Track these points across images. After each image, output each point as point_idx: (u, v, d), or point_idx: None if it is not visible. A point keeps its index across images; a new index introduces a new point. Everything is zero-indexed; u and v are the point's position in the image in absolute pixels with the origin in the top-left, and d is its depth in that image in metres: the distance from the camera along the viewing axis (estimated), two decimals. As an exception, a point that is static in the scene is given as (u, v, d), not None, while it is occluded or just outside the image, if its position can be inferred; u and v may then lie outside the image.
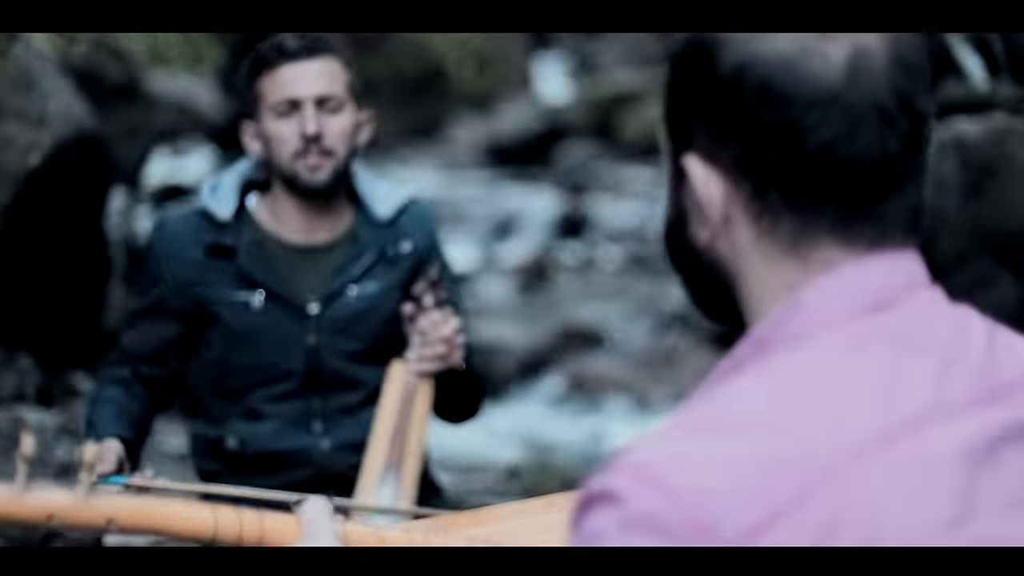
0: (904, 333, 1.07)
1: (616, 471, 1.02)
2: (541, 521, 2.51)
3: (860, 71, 1.06)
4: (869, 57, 1.07)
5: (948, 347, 1.08)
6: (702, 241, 1.12)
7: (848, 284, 1.08)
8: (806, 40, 1.07)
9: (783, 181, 1.07)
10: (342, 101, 2.82)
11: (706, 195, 1.10)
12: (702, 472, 1.00)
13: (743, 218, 1.09)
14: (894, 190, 1.08)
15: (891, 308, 1.08)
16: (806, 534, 0.99)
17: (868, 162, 1.06)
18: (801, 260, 1.08)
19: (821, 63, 1.06)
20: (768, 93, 1.06)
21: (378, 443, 2.72)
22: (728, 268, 1.12)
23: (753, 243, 1.10)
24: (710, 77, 1.09)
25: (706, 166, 1.10)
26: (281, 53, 2.79)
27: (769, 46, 1.07)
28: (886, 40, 1.08)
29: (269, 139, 2.80)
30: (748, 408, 1.04)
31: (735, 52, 1.08)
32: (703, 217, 1.11)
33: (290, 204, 2.87)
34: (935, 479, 1.02)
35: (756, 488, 0.99)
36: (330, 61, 2.83)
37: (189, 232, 2.87)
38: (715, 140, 1.09)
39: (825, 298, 1.07)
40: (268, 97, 2.79)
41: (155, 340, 2.87)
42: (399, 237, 2.92)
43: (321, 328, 2.84)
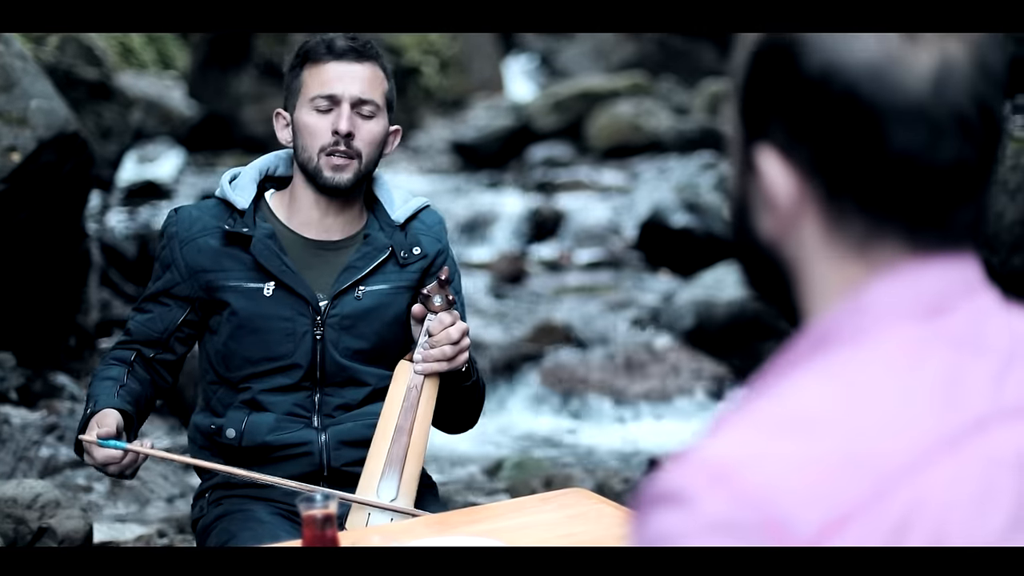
0: (964, 336, 1.07)
1: (686, 469, 1.01)
2: (539, 519, 2.54)
3: (946, 81, 1.06)
4: (955, 66, 1.06)
5: (1006, 350, 1.08)
6: (766, 232, 1.13)
7: (909, 286, 1.08)
8: (893, 46, 1.06)
9: (859, 184, 1.07)
10: (377, 108, 2.87)
11: (778, 190, 1.10)
12: (775, 472, 0.99)
13: (812, 215, 1.09)
14: (967, 199, 1.08)
15: (951, 311, 1.08)
16: (877, 535, 0.99)
17: (945, 171, 1.06)
18: (866, 261, 1.08)
19: (908, 72, 1.05)
20: (853, 98, 1.06)
21: (381, 441, 2.76)
22: (790, 261, 1.12)
23: (820, 240, 1.10)
24: (795, 77, 1.08)
25: (780, 161, 1.10)
26: (330, 50, 2.85)
27: (857, 51, 1.06)
28: (971, 46, 1.08)
29: (301, 130, 2.86)
30: (816, 407, 1.03)
31: (822, 54, 1.07)
32: (771, 210, 1.11)
33: (308, 199, 2.91)
34: (998, 482, 1.02)
35: (829, 488, 0.99)
36: (374, 68, 2.89)
37: (206, 219, 2.91)
38: (793, 138, 1.09)
39: (886, 298, 1.08)
40: (309, 89, 2.85)
41: (162, 324, 2.91)
42: (411, 241, 2.96)
43: (328, 324, 2.87)
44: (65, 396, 5.25)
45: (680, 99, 12.19)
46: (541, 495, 2.88)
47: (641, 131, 11.12)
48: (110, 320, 6.30)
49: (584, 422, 6.37)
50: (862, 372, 1.05)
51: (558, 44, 15.18)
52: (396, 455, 2.74)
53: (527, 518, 2.57)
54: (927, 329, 1.06)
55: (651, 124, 11.16)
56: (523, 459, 5.29)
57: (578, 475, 5.08)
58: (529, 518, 2.57)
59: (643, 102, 11.59)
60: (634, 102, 11.56)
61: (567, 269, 8.75)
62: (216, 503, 2.92)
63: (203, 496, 2.96)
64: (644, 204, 9.08)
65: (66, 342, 5.82)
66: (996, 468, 1.02)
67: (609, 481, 4.94)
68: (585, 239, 8.96)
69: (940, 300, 1.08)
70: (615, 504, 2.63)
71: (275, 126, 2.95)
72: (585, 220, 9.23)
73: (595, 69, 14.07)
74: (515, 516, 2.60)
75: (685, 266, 8.07)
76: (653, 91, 12.24)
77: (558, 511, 2.60)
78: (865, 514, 0.99)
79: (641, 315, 7.28)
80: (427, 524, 2.61)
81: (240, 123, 12.34)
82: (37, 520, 3.67)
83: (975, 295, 1.09)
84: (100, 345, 5.93)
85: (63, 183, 5.38)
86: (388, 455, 2.74)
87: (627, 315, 7.33)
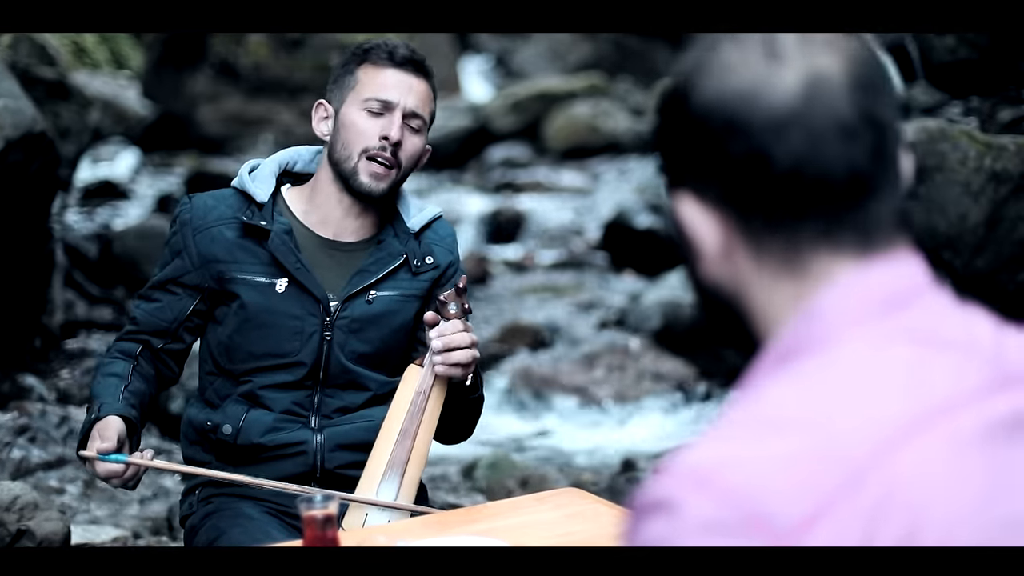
0: (922, 331, 1.13)
1: (669, 478, 1.07)
2: (536, 518, 2.55)
3: (816, 93, 1.13)
4: (824, 78, 1.13)
5: (963, 343, 1.14)
6: (707, 274, 1.19)
7: (855, 290, 1.14)
8: (758, 71, 1.14)
9: (763, 205, 1.14)
10: (423, 125, 2.86)
11: (700, 232, 1.17)
12: (753, 471, 1.05)
13: (739, 246, 1.16)
14: (868, 197, 1.14)
15: (904, 308, 1.14)
16: (856, 521, 1.04)
17: (837, 176, 1.13)
18: (798, 275, 1.15)
19: (775, 90, 1.13)
20: (733, 126, 1.13)
21: (384, 443, 2.75)
22: (735, 296, 1.18)
23: (752, 268, 1.16)
24: (685, 121, 1.16)
25: (697, 204, 1.16)
26: (391, 57, 2.84)
27: (728, 83, 1.14)
28: (843, 60, 1.15)
29: (347, 127, 2.83)
30: (787, 409, 1.09)
31: (702, 93, 1.15)
32: (701, 252, 1.18)
33: (332, 197, 2.90)
34: (968, 459, 1.07)
35: (805, 482, 1.04)
36: (428, 86, 2.88)
37: (222, 209, 2.88)
38: (699, 179, 1.16)
39: (836, 305, 1.13)
40: (364, 89, 2.83)
41: (171, 313, 2.89)
42: (424, 251, 2.94)
43: (337, 325, 2.86)
44: (34, 397, 5.21)
45: (637, 100, 12.24)
46: (536, 495, 2.89)
47: (599, 132, 11.16)
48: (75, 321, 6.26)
49: (553, 422, 6.38)
50: (826, 373, 1.11)
51: (513, 45, 15.20)
52: (398, 458, 2.73)
53: (524, 517, 2.57)
54: (883, 327, 1.13)
55: (609, 125, 11.21)
56: (497, 459, 5.30)
57: (552, 475, 5.10)
58: (526, 517, 2.57)
59: (600, 103, 11.65)
60: (591, 103, 11.61)
61: (531, 270, 8.77)
62: (206, 500, 2.90)
63: (192, 493, 2.94)
64: (606, 205, 9.11)
65: (32, 343, 5.77)
66: (965, 446, 1.07)
67: (583, 481, 4.96)
68: (548, 240, 8.98)
69: (890, 298, 1.14)
70: (610, 503, 2.65)
71: (313, 116, 2.92)
72: (547, 221, 9.26)
73: (551, 70, 14.10)
74: (512, 516, 2.60)
75: (650, 267, 8.10)
76: (610, 92, 12.30)
77: (554, 511, 2.61)
78: (842, 503, 1.04)
79: (608, 316, 7.31)
80: (425, 524, 2.61)
81: (196, 123, 12.28)
82: (16, 522, 3.64)
83: (926, 293, 1.16)
84: (65, 346, 5.89)
85: (30, 183, 5.33)
86: (391, 458, 2.73)
87: (594, 316, 7.36)
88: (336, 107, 2.88)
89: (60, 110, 7.35)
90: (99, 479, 2.72)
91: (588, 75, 12.83)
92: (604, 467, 5.40)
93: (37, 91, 7.05)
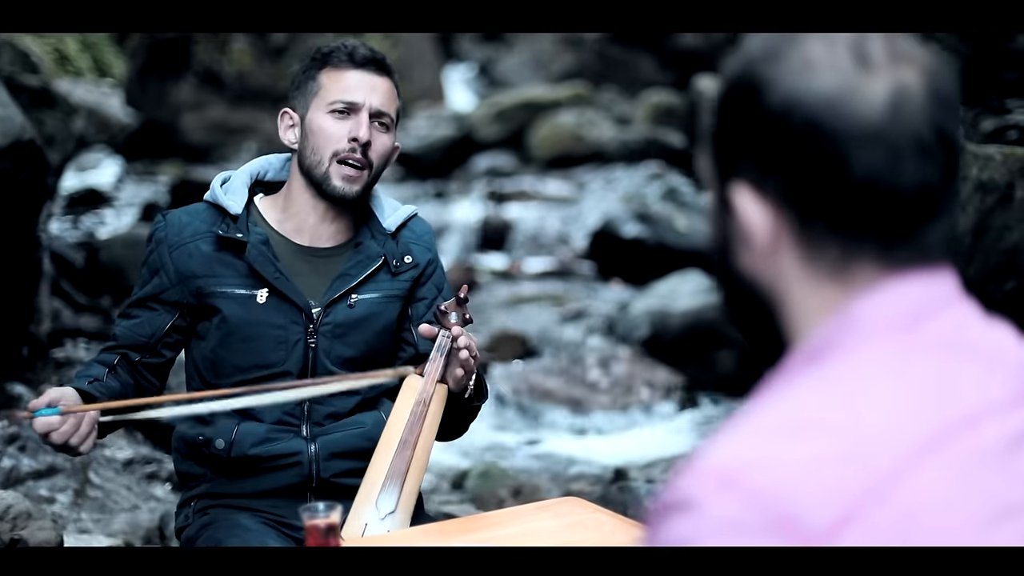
0: (947, 342, 1.13)
1: (694, 477, 1.06)
2: (538, 527, 2.55)
3: (901, 107, 1.12)
4: (909, 93, 1.13)
5: (988, 354, 1.14)
6: (746, 267, 1.19)
7: (892, 300, 1.14)
8: (848, 77, 1.13)
9: (828, 211, 1.13)
10: (391, 122, 2.87)
11: (753, 223, 1.16)
12: (783, 472, 1.04)
13: (788, 245, 1.15)
14: (933, 217, 1.14)
15: (932, 320, 1.14)
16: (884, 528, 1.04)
17: (909, 193, 1.12)
18: (844, 283, 1.15)
19: (863, 100, 1.12)
20: (815, 129, 1.12)
21: (383, 453, 2.74)
22: (771, 292, 1.18)
23: (797, 268, 1.16)
24: (758, 114, 1.15)
25: (754, 196, 1.16)
26: (351, 58, 2.83)
27: (815, 84, 1.13)
28: (924, 73, 1.14)
29: (314, 132, 2.83)
30: (815, 412, 1.09)
31: (781, 91, 1.14)
32: (749, 244, 1.17)
33: (306, 204, 2.89)
34: (993, 470, 1.08)
35: (834, 485, 1.04)
36: (391, 84, 2.88)
37: (197, 223, 2.88)
38: (763, 172, 1.15)
39: (871, 313, 1.13)
40: (328, 93, 2.83)
41: (149, 329, 2.87)
42: (402, 250, 2.94)
43: (321, 332, 2.85)
44: (23, 406, 5.18)
45: (622, 109, 12.25)
46: (537, 503, 2.88)
47: (583, 141, 11.17)
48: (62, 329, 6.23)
49: (543, 432, 6.38)
50: (855, 378, 1.11)
51: (497, 53, 15.21)
52: (398, 468, 2.72)
53: (525, 526, 2.57)
54: (912, 338, 1.13)
55: (593, 134, 11.21)
56: (488, 469, 5.29)
57: (544, 485, 5.09)
58: (527, 526, 2.57)
59: (585, 112, 11.65)
60: (576, 112, 11.61)
61: (518, 279, 8.76)
62: (202, 512, 2.89)
63: (188, 505, 2.93)
64: (592, 214, 9.12)
65: (19, 352, 5.74)
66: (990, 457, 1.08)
67: (576, 491, 4.95)
68: (535, 249, 8.98)
69: (922, 311, 1.14)
70: (610, 512, 2.64)
71: (279, 125, 2.92)
72: (534, 230, 9.25)
73: (534, 79, 14.11)
74: (513, 525, 2.60)
75: (637, 276, 8.11)
76: (595, 101, 12.30)
77: (555, 519, 2.60)
78: (872, 508, 1.04)
79: (596, 324, 7.31)
80: (425, 533, 2.60)
81: (179, 131, 12.26)
82: (9, 531, 3.62)
83: (955, 306, 1.16)
84: (53, 355, 5.86)
85: (18, 191, 5.30)
86: (390, 467, 2.72)
87: (582, 324, 7.35)
88: (301, 113, 2.87)
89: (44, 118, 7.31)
90: (42, 441, 2.63)
91: (572, 84, 12.84)
92: (596, 476, 5.39)
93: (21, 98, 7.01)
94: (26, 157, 5.26)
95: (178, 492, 4.72)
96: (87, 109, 11.12)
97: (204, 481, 2.90)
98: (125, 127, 11.89)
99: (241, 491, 2.85)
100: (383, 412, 2.91)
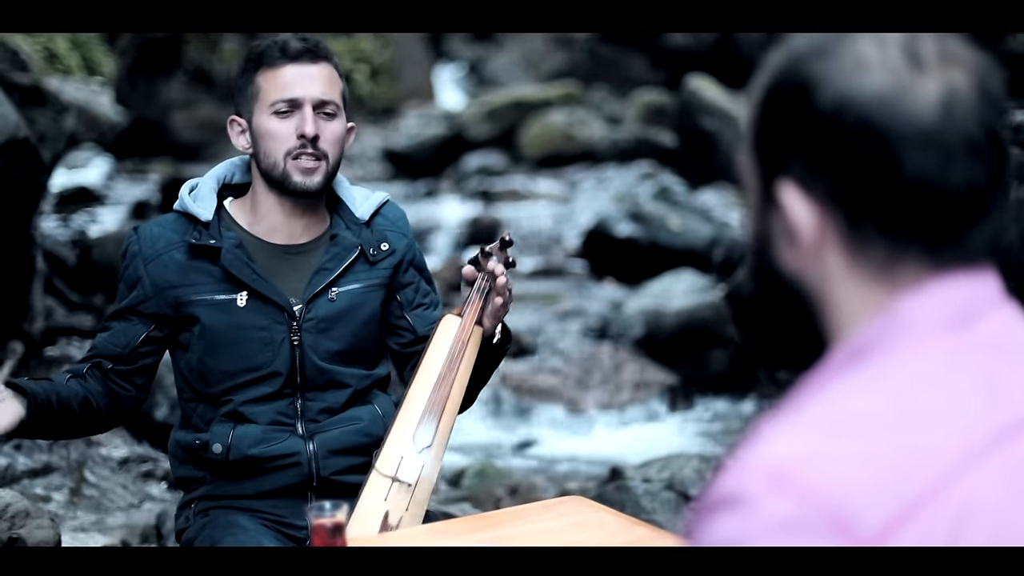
0: (997, 344, 1.13)
1: (743, 474, 1.05)
2: (542, 527, 2.55)
3: (952, 108, 1.11)
4: (959, 93, 1.12)
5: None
6: (788, 265, 1.18)
7: (939, 300, 1.13)
8: (900, 77, 1.11)
9: (878, 211, 1.12)
10: (337, 108, 2.84)
11: (799, 221, 1.15)
12: (837, 471, 1.03)
13: (834, 244, 1.14)
14: (981, 218, 1.14)
15: (979, 321, 1.13)
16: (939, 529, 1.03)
17: (959, 193, 1.11)
18: (889, 282, 1.13)
19: (916, 101, 1.11)
20: (867, 129, 1.11)
21: (420, 389, 2.76)
22: (813, 291, 1.17)
23: (843, 267, 1.14)
24: (809, 113, 1.13)
25: (801, 194, 1.14)
26: (284, 53, 2.81)
27: (867, 83, 1.12)
28: (973, 73, 1.13)
29: (263, 136, 2.81)
30: (866, 410, 1.07)
31: (833, 89, 1.12)
32: (794, 242, 1.16)
33: (272, 204, 2.87)
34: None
35: (889, 484, 1.03)
36: (330, 68, 2.85)
37: (169, 234, 2.86)
38: (812, 170, 1.13)
39: (918, 312, 1.12)
40: (268, 94, 2.81)
41: (124, 339, 2.86)
42: (378, 238, 2.94)
43: (304, 328, 2.85)
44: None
45: (613, 109, 12.25)
46: (542, 503, 2.89)
47: (574, 140, 11.16)
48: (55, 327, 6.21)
49: (538, 430, 6.38)
50: (906, 378, 1.09)
51: (487, 52, 15.20)
52: (436, 404, 2.75)
53: (529, 526, 2.57)
54: (961, 338, 1.12)
55: (584, 134, 11.21)
56: (484, 467, 5.29)
57: (541, 483, 5.09)
58: (532, 526, 2.57)
59: (576, 111, 11.64)
60: (567, 111, 11.60)
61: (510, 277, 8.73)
62: (203, 513, 2.88)
63: (188, 507, 2.92)
64: (585, 214, 9.11)
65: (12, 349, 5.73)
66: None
67: (572, 490, 4.95)
68: (527, 248, 8.96)
69: (968, 312, 1.13)
70: (615, 512, 2.65)
71: (230, 134, 2.89)
72: (526, 229, 9.24)
73: (524, 78, 14.11)
74: (518, 524, 2.60)
75: (630, 275, 8.10)
76: (585, 101, 12.30)
77: (559, 519, 2.60)
78: (926, 509, 1.02)
79: (590, 324, 7.30)
80: (430, 533, 2.61)
81: (170, 129, 12.23)
82: (7, 530, 3.61)
83: (1000, 307, 1.15)
84: (46, 353, 5.85)
85: (13, 189, 5.29)
86: (429, 401, 2.75)
87: (577, 324, 7.34)
88: (248, 119, 2.84)
89: (36, 116, 7.29)
90: None
91: (563, 83, 12.83)
92: (592, 475, 5.39)
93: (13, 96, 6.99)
94: (21, 155, 5.25)
95: (174, 491, 4.72)
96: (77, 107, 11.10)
97: (204, 484, 2.90)
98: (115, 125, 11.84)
99: (241, 492, 2.85)
100: (377, 406, 2.91)
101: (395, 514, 2.70)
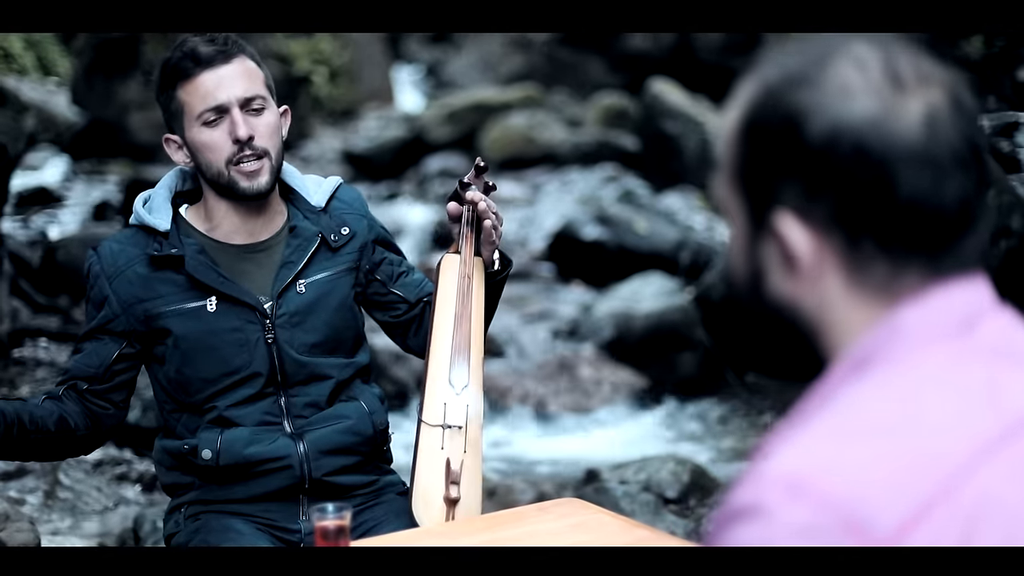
0: (997, 347, 1.16)
1: (760, 484, 1.07)
2: (541, 528, 2.55)
3: (935, 125, 1.14)
4: (939, 111, 1.15)
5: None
6: (784, 292, 1.20)
7: (938, 308, 1.15)
8: (885, 100, 1.14)
9: (878, 230, 1.14)
10: (264, 99, 2.81)
11: (799, 247, 1.17)
12: (851, 476, 1.05)
13: (832, 267, 1.16)
14: (972, 227, 1.17)
15: (978, 326, 1.16)
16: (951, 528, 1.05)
17: (952, 206, 1.15)
18: (889, 296, 1.16)
19: (901, 121, 1.14)
20: (862, 154, 1.13)
21: (442, 333, 2.77)
22: (812, 316, 1.19)
23: (842, 287, 1.17)
24: (800, 144, 1.15)
25: (797, 221, 1.17)
26: (198, 62, 2.76)
27: (856, 109, 1.14)
28: (948, 91, 1.16)
29: (199, 149, 2.78)
30: (875, 416, 1.10)
31: (823, 119, 1.15)
32: (792, 269, 1.18)
33: (227, 210, 2.86)
34: None
35: (902, 486, 1.05)
36: (245, 61, 2.81)
37: (129, 249, 2.84)
38: (809, 197, 1.16)
39: (919, 321, 1.15)
40: (192, 108, 2.77)
41: (97, 359, 2.84)
42: (337, 223, 2.93)
43: (277, 324, 2.83)
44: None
45: (573, 112, 12.27)
46: (539, 504, 2.89)
47: (535, 143, 11.17)
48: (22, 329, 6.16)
49: (509, 433, 6.38)
50: (912, 383, 1.12)
51: (445, 55, 15.19)
52: (461, 342, 2.77)
53: (528, 528, 2.57)
54: (962, 343, 1.15)
55: (545, 136, 11.22)
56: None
57: (518, 486, 5.08)
58: (530, 528, 2.57)
59: (536, 114, 11.65)
60: (527, 114, 11.61)
61: (477, 280, 8.71)
62: (193, 518, 2.86)
63: (178, 511, 2.90)
64: (550, 217, 9.11)
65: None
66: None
67: (549, 492, 4.96)
68: (492, 250, 8.95)
69: (968, 318, 1.16)
70: (612, 513, 2.66)
71: (168, 151, 2.86)
72: (490, 231, 9.20)
73: (483, 81, 14.11)
74: (516, 526, 2.60)
75: (598, 278, 8.11)
76: (545, 103, 12.31)
77: (558, 520, 2.61)
78: (938, 509, 1.05)
79: (559, 326, 7.31)
80: (429, 535, 2.61)
81: (127, 130, 12.13)
82: (-13, 534, 3.58)
83: (996, 312, 1.18)
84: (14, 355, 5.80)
85: (-18, 189, 5.25)
86: (453, 343, 2.76)
87: (546, 326, 7.35)
88: (180, 135, 2.82)
89: (-6, 116, 7.22)
90: None
91: (523, 86, 12.85)
92: (567, 477, 5.39)
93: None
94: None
95: (148, 494, 4.68)
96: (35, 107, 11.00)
97: (193, 489, 2.88)
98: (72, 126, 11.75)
99: (232, 496, 2.84)
100: (363, 403, 2.91)
101: (456, 460, 2.73)
